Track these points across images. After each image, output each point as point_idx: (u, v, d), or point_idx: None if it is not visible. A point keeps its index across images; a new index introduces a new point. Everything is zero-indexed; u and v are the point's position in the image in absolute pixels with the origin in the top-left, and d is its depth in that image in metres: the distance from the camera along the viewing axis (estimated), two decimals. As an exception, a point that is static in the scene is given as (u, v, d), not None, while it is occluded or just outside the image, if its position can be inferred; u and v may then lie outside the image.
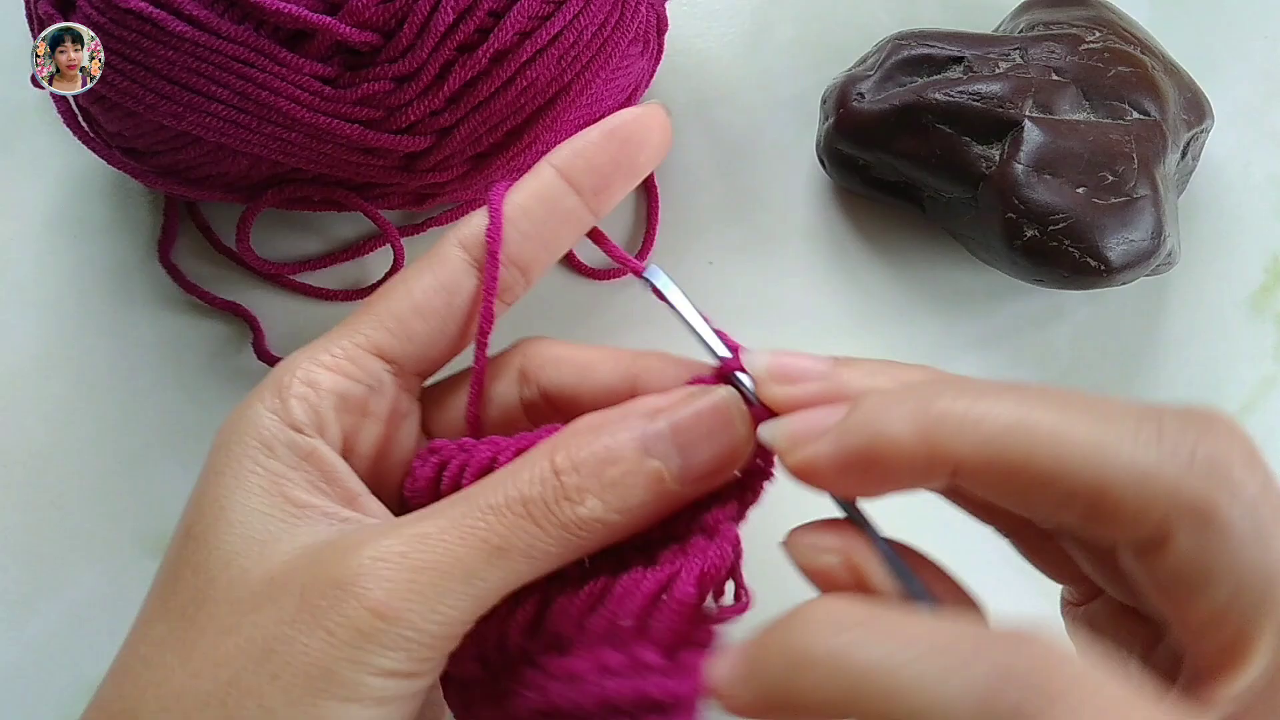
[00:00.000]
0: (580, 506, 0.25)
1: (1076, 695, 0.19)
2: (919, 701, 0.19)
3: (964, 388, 0.24)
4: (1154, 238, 0.42)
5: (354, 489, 0.27)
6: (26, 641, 0.41)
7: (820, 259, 0.48)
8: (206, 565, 0.26)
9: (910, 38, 0.46)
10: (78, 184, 0.47)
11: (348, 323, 0.29)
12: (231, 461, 0.27)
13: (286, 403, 0.27)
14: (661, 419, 0.26)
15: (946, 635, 0.20)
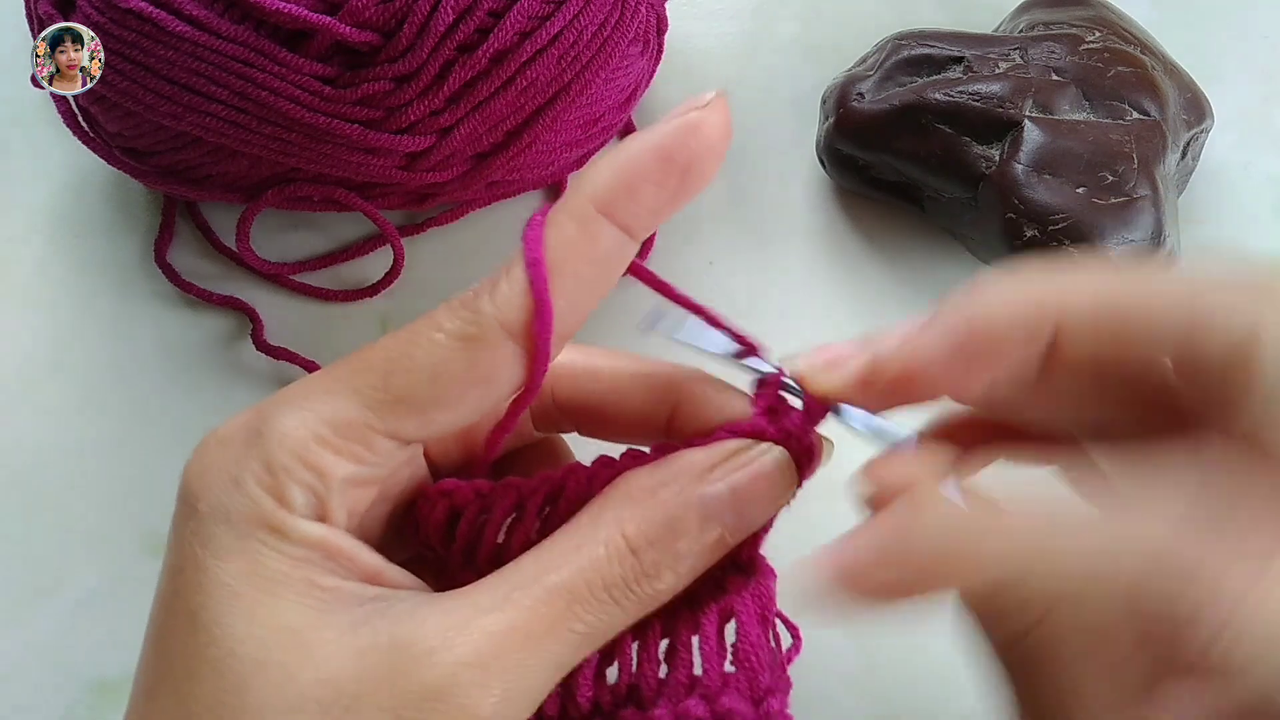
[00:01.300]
0: (658, 582, 0.25)
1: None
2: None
3: (1044, 268, 0.24)
4: (1154, 238, 0.42)
5: (373, 565, 0.25)
6: (26, 641, 0.41)
7: (820, 259, 0.48)
8: (231, 664, 0.22)
9: (910, 38, 0.46)
10: (78, 184, 0.47)
11: (353, 382, 0.25)
12: (237, 541, 0.23)
13: (285, 488, 0.24)
14: (722, 483, 0.25)
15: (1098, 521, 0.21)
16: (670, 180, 0.24)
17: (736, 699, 0.25)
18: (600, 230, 0.24)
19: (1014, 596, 0.23)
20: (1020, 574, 0.23)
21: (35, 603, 0.41)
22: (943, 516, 0.23)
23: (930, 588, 0.24)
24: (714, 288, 0.47)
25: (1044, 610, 0.22)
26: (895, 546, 0.24)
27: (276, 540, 0.23)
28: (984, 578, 0.23)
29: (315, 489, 0.24)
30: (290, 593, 0.23)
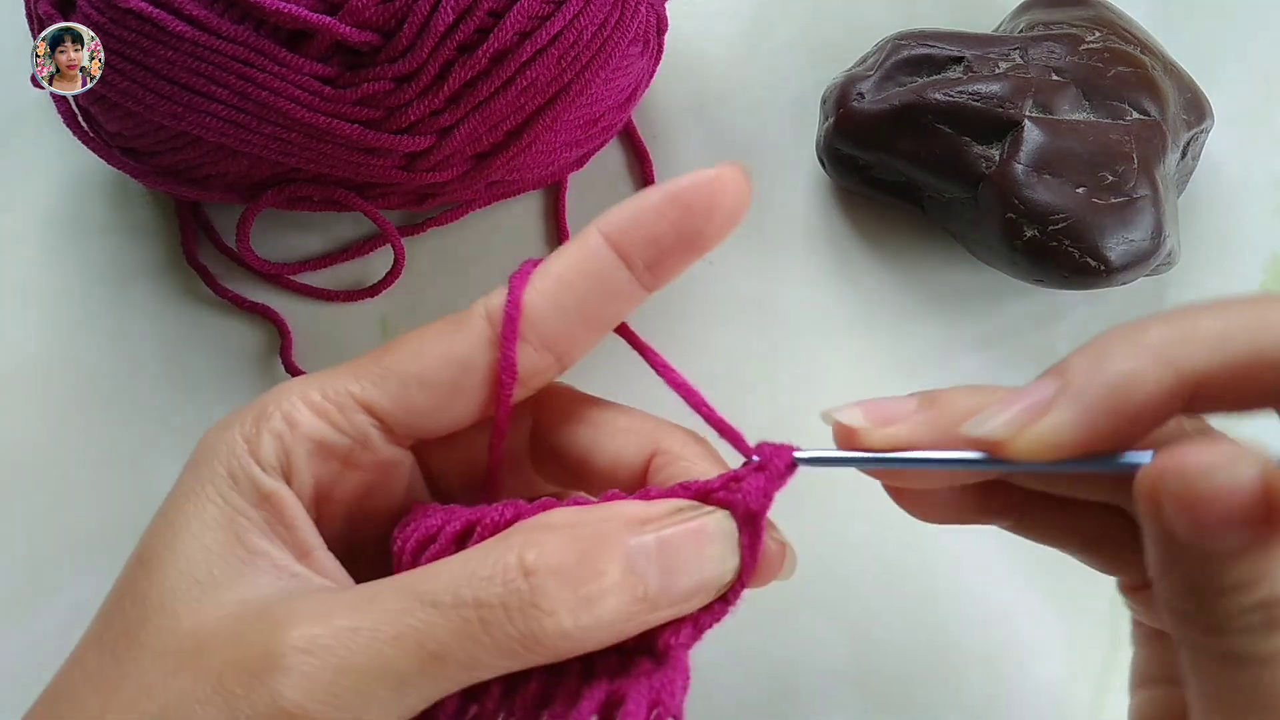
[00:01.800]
0: (547, 619, 0.21)
1: None
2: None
3: (1164, 317, 0.23)
4: (1154, 238, 0.42)
5: (309, 542, 0.25)
6: (27, 641, 0.41)
7: (820, 259, 0.48)
8: (145, 600, 0.24)
9: (910, 38, 0.46)
10: (78, 184, 0.47)
11: (356, 363, 0.27)
12: (196, 485, 0.25)
13: (260, 435, 0.25)
14: (649, 532, 0.23)
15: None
16: (671, 213, 0.25)
17: None
18: (601, 252, 0.26)
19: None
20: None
21: (35, 603, 0.41)
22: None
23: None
24: (714, 288, 0.47)
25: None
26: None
27: (228, 487, 0.25)
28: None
29: (284, 439, 0.25)
30: (218, 544, 0.24)
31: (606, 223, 0.26)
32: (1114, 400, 0.22)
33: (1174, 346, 0.22)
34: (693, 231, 0.25)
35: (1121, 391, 0.22)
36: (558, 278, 0.26)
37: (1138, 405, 0.22)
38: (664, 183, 0.26)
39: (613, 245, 0.26)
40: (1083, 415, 0.22)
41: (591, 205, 0.48)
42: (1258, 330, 0.22)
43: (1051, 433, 0.23)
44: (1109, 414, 0.22)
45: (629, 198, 0.26)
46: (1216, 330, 0.22)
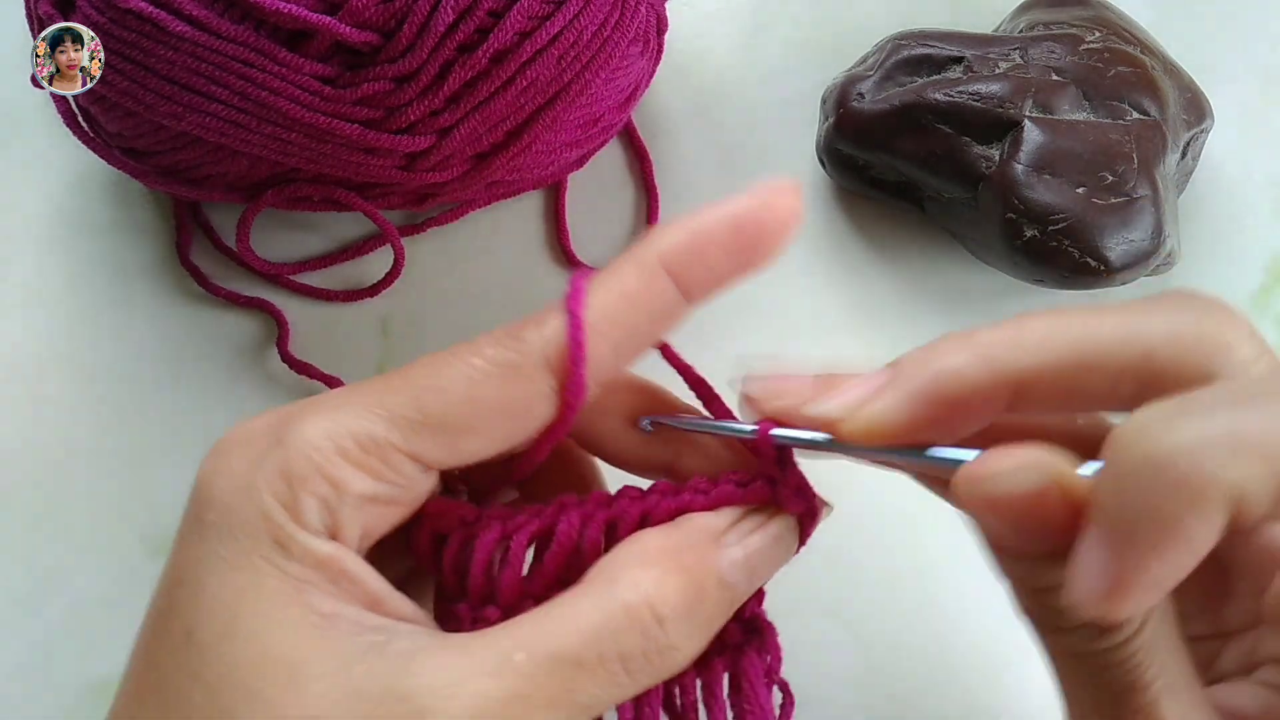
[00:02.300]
0: (679, 654, 0.23)
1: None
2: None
3: (999, 323, 0.24)
4: (1154, 238, 0.42)
5: (378, 591, 0.24)
6: (27, 641, 0.41)
7: (820, 259, 0.48)
8: (223, 689, 0.22)
9: (910, 38, 0.46)
10: (78, 184, 0.47)
11: (383, 398, 0.24)
12: (240, 556, 0.23)
13: (299, 499, 0.23)
14: (738, 548, 0.25)
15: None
16: (738, 248, 0.25)
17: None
18: (660, 284, 0.25)
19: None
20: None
21: (35, 603, 0.41)
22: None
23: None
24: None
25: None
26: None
27: (280, 557, 0.23)
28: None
29: (330, 502, 0.23)
30: (287, 616, 0.22)
31: (667, 252, 0.25)
32: (935, 391, 0.23)
33: (997, 348, 0.23)
34: (750, 260, 0.25)
35: (943, 384, 0.23)
36: (611, 313, 0.25)
37: (957, 398, 0.23)
38: (721, 207, 0.25)
39: (671, 274, 0.25)
40: (905, 401, 0.24)
41: (591, 205, 0.48)
42: (1080, 336, 0.23)
43: (877, 416, 0.24)
44: (929, 403, 0.23)
45: (687, 217, 0.25)
46: (1039, 335, 0.23)
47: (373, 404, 0.24)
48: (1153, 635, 0.23)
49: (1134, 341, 0.22)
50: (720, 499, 0.26)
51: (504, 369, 0.24)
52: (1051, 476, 0.21)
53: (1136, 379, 0.22)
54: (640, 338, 0.25)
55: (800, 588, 0.42)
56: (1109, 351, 0.22)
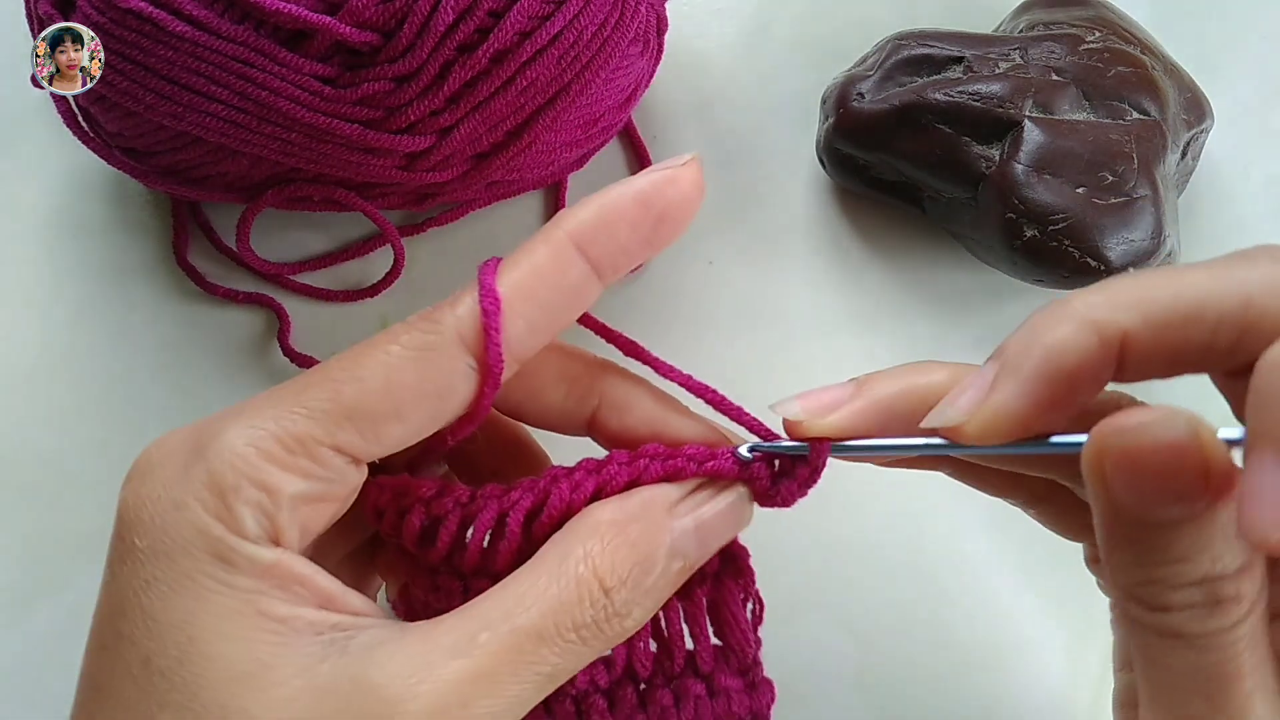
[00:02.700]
0: (628, 620, 0.25)
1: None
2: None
3: (1083, 291, 0.24)
4: (1154, 238, 0.42)
5: (328, 589, 0.24)
6: (26, 641, 0.41)
7: (820, 259, 0.48)
8: (194, 710, 0.22)
9: (910, 38, 0.46)
10: (78, 184, 0.47)
11: (302, 397, 0.24)
12: (182, 578, 0.23)
13: (233, 510, 0.23)
14: (687, 518, 0.26)
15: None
16: (645, 223, 0.25)
17: (729, 676, 0.28)
18: (570, 261, 0.25)
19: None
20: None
21: (35, 603, 0.41)
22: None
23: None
24: (714, 288, 0.47)
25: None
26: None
27: (224, 572, 0.23)
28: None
29: (265, 508, 0.23)
30: (244, 630, 0.23)
31: (576, 228, 0.25)
32: (1049, 369, 0.23)
33: (1097, 310, 0.23)
34: (657, 234, 0.26)
35: (1054, 360, 0.23)
36: (524, 289, 0.25)
37: (1070, 370, 0.23)
38: (627, 184, 0.25)
39: (581, 251, 0.25)
40: (1023, 388, 0.23)
41: (591, 205, 0.48)
42: (1178, 290, 0.22)
43: (998, 411, 0.23)
44: (1045, 383, 0.23)
45: (593, 195, 0.25)
46: (1136, 293, 0.23)
47: (291, 403, 0.24)
48: (1253, 625, 0.22)
49: (1232, 290, 0.22)
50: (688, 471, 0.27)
51: (420, 352, 0.24)
52: (1194, 430, 0.21)
53: (1237, 326, 0.22)
54: (554, 312, 0.26)
55: (800, 588, 0.42)
56: (1207, 301, 0.22)
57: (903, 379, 0.27)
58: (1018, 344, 0.24)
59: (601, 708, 0.27)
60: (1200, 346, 0.22)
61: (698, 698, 0.27)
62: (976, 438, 0.24)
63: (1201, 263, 0.23)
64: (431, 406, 0.25)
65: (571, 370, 0.29)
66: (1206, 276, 0.22)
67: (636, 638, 0.27)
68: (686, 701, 0.27)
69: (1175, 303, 0.22)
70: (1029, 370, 0.23)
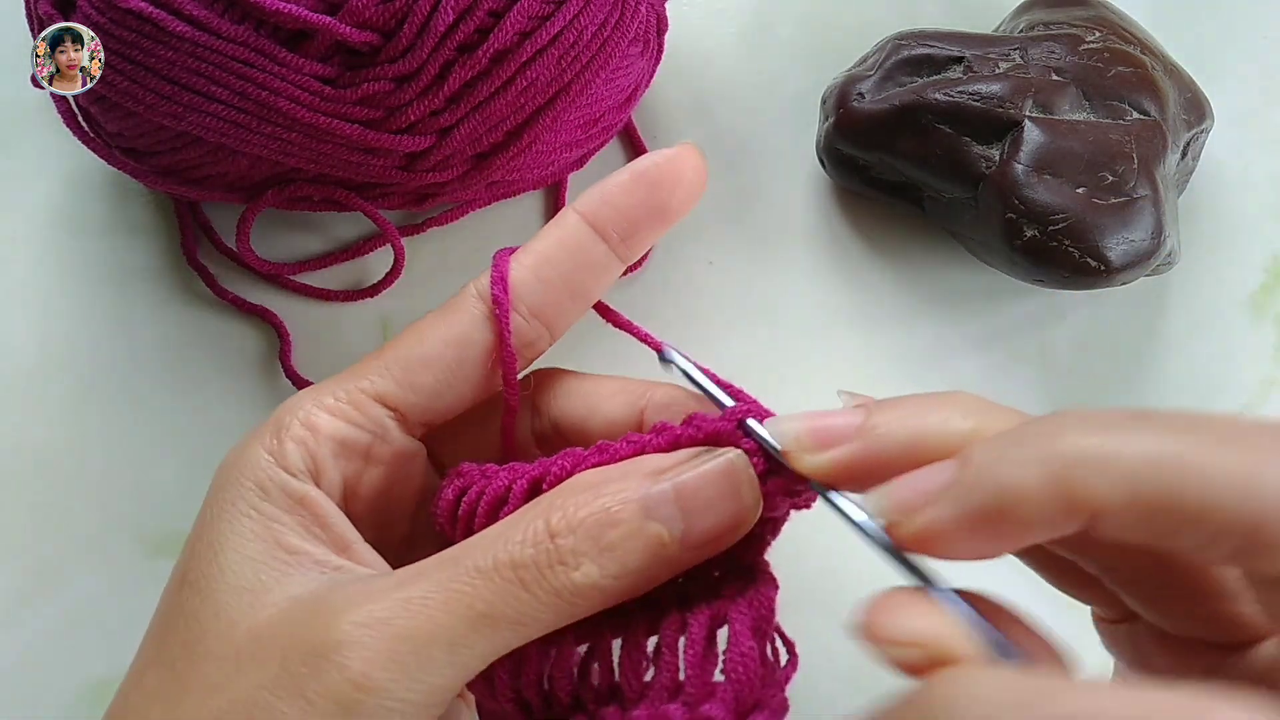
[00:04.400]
0: (575, 572, 0.24)
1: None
2: None
3: (1087, 421, 0.20)
4: (1154, 238, 0.42)
5: (348, 536, 0.27)
6: (26, 641, 0.41)
7: (820, 259, 0.48)
8: (199, 615, 0.25)
9: (910, 38, 0.46)
10: (78, 184, 0.47)
11: (358, 365, 0.29)
12: (227, 505, 0.26)
13: (283, 445, 0.27)
14: (665, 480, 0.25)
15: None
16: (640, 190, 0.28)
17: (719, 709, 0.24)
18: (582, 233, 0.28)
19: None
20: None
21: (35, 603, 0.41)
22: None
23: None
24: (714, 288, 0.47)
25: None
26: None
27: (258, 498, 0.26)
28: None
29: (308, 444, 0.27)
30: (258, 552, 0.25)
31: (581, 203, 0.28)
32: (998, 510, 0.21)
33: (1079, 470, 0.20)
34: (660, 205, 0.28)
35: (1007, 504, 0.21)
36: (539, 253, 0.28)
37: (1019, 520, 0.21)
38: (630, 165, 0.28)
39: (589, 223, 0.28)
40: (964, 516, 0.21)
41: (591, 205, 0.48)
42: (1181, 477, 0.19)
43: (933, 525, 0.22)
44: (988, 521, 0.21)
45: (601, 181, 0.28)
46: (1134, 463, 0.19)
47: (351, 369, 0.28)
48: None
49: (1248, 503, 0.19)
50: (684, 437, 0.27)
51: (444, 309, 0.29)
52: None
53: (1239, 545, 0.19)
54: (564, 274, 0.28)
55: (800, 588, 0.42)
56: (1213, 507, 0.19)
57: (915, 420, 0.24)
58: (981, 465, 0.21)
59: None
60: (1191, 547, 0.20)
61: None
62: (903, 541, 0.23)
63: (1234, 440, 0.19)
64: (454, 354, 0.28)
65: (620, 386, 0.30)
66: (1228, 473, 0.19)
67: (628, 659, 0.25)
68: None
69: (1175, 496, 0.19)
70: (976, 503, 0.21)
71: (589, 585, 0.24)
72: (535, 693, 0.26)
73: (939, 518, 0.22)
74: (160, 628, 0.26)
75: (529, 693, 0.26)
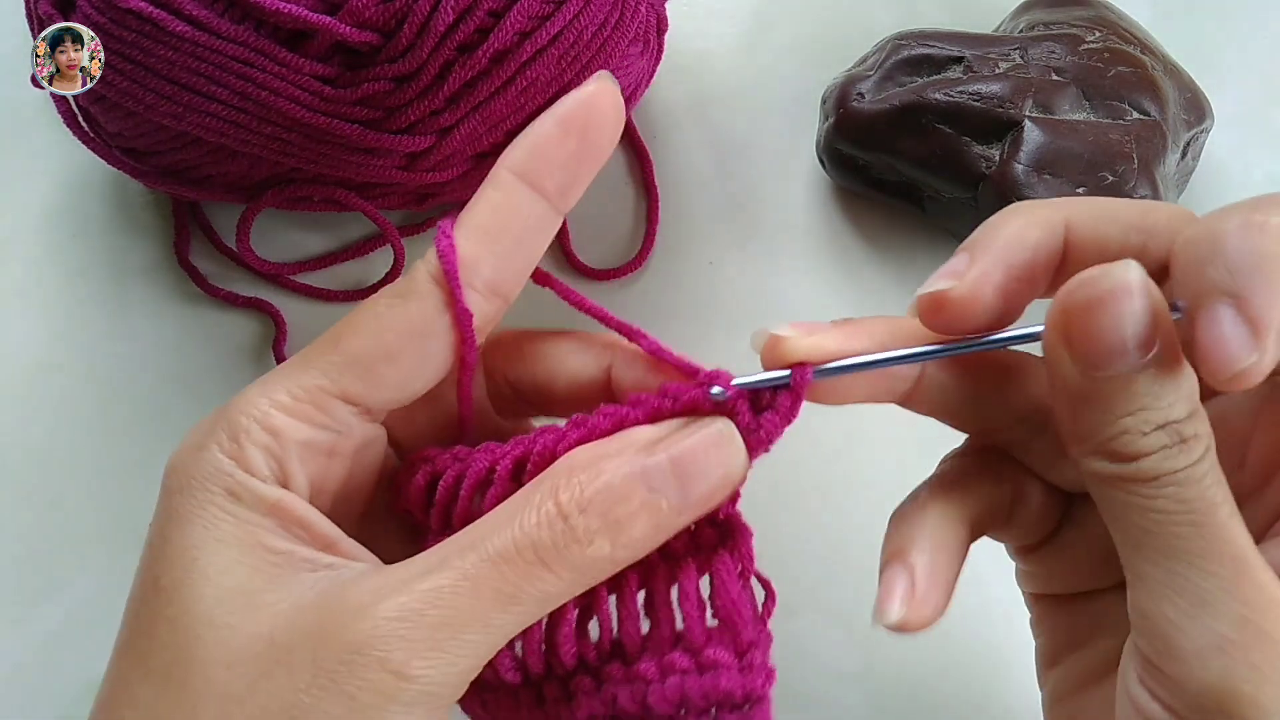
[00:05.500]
0: (589, 547, 0.25)
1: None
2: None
3: (1026, 205, 0.27)
4: (1154, 238, 0.42)
5: (329, 534, 0.26)
6: (26, 641, 0.41)
7: (820, 259, 0.48)
8: (185, 621, 0.24)
9: (910, 38, 0.46)
10: (78, 184, 0.47)
11: (311, 356, 0.27)
12: (196, 509, 0.25)
13: (244, 450, 0.26)
14: (660, 452, 0.26)
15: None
16: (569, 139, 0.27)
17: (721, 651, 0.26)
18: (516, 189, 0.27)
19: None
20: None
21: (35, 603, 0.41)
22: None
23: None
24: (714, 288, 0.47)
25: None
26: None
27: (232, 504, 0.25)
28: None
29: (273, 450, 0.26)
30: (243, 556, 0.25)
31: (511, 161, 0.27)
32: (1009, 254, 0.26)
33: (1043, 207, 0.26)
34: (591, 148, 0.27)
35: (1014, 245, 0.26)
36: (483, 225, 0.28)
37: (1028, 254, 0.26)
38: (548, 112, 0.27)
39: (526, 181, 0.27)
40: (993, 266, 0.26)
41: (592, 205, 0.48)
42: (1102, 202, 0.27)
43: (978, 279, 0.26)
44: (1009, 266, 0.26)
45: (523, 133, 0.27)
46: (1072, 203, 0.27)
47: (301, 362, 0.27)
48: (1213, 461, 0.24)
49: (1138, 206, 0.27)
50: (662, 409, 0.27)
51: (399, 296, 0.27)
52: (1141, 273, 0.23)
53: (1140, 229, 0.26)
54: (513, 238, 0.28)
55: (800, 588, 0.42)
56: (1122, 210, 0.26)
57: (888, 319, 0.28)
58: (982, 236, 0.26)
59: (589, 687, 0.27)
60: (1117, 243, 0.26)
61: (684, 672, 0.26)
62: (963, 302, 0.26)
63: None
64: (417, 346, 0.27)
65: (579, 343, 0.30)
66: (1125, 202, 0.27)
67: (626, 615, 0.27)
68: (671, 674, 0.26)
69: (1097, 207, 0.26)
70: (995, 253, 0.26)
71: (604, 558, 0.25)
72: (537, 659, 0.27)
73: (981, 270, 0.26)
74: (137, 636, 0.25)
75: (531, 659, 0.26)
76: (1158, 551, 0.24)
